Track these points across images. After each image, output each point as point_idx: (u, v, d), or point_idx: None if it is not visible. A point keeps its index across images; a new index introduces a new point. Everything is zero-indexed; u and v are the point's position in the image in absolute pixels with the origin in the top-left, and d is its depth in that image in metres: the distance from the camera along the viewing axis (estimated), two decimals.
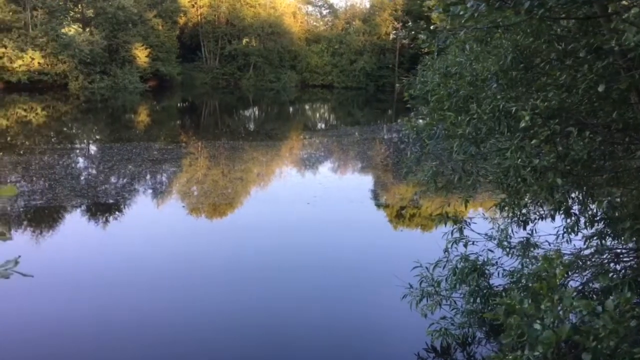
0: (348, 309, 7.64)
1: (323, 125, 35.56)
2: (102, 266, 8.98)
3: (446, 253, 5.63)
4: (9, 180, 14.62)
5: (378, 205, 14.36)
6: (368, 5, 69.01)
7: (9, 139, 22.39)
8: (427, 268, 5.68)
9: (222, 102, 48.49)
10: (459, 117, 4.12)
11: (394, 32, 66.33)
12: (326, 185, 15.68)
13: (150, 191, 14.84)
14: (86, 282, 8.35)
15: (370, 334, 6.99)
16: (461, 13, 3.27)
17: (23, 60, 42.08)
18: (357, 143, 25.07)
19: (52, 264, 9.05)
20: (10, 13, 42.89)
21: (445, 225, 5.37)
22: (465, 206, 4.97)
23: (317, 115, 43.64)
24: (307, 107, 49.79)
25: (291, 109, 46.82)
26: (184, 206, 13.29)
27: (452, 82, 4.54)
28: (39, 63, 42.96)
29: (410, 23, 66.77)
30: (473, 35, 4.75)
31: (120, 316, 7.21)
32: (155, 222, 12.16)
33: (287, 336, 6.85)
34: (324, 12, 73.77)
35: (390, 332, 7.03)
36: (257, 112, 42.89)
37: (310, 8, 73.51)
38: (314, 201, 13.67)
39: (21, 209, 12.02)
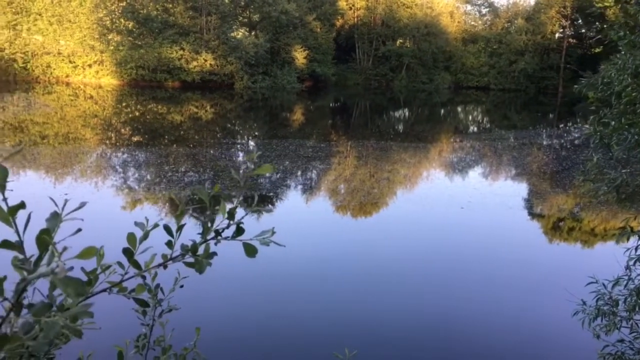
0: (511, 323, 7.26)
1: (475, 129, 34.16)
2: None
3: (627, 270, 4.99)
4: (180, 170, 16.23)
5: (537, 215, 13.39)
6: (533, 3, 64.75)
7: (182, 133, 24.89)
8: (604, 285, 5.11)
9: (372, 102, 48.98)
10: None
11: (561, 30, 61.44)
12: (481, 191, 15.02)
13: (300, 187, 15.47)
14: (234, 272, 8.83)
15: (534, 349, 6.57)
16: None
17: (197, 62, 46.55)
18: (512, 148, 23.65)
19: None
20: (189, 19, 47.78)
21: (628, 240, 4.77)
22: None
23: (470, 117, 42.05)
24: (459, 109, 48.25)
25: (442, 111, 45.73)
26: (334, 204, 13.64)
27: None
28: (210, 64, 47.15)
29: (580, 21, 61.49)
30: None
31: (261, 314, 7.58)
32: (304, 217, 12.63)
33: (441, 347, 6.67)
34: (484, 10, 70.86)
35: (556, 350, 6.55)
36: (407, 114, 42.60)
37: (468, 7, 71.13)
38: (468, 206, 13.18)
39: (188, 197, 13.26)
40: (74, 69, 45.67)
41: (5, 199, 0.81)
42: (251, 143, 23.96)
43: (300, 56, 53.31)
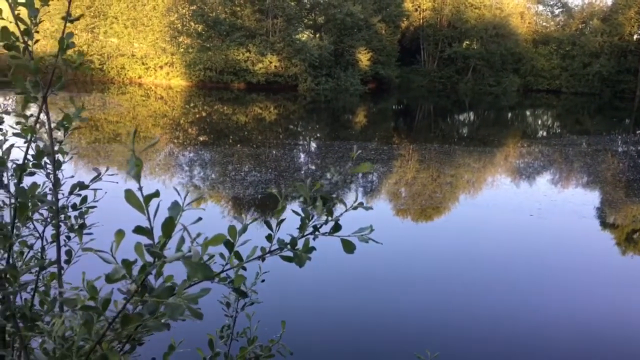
0: (587, 332, 6.99)
1: (545, 133, 32.87)
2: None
3: None
4: (244, 169, 16.59)
5: (611, 225, 12.72)
6: (610, 3, 61.55)
7: (246, 133, 25.44)
8: None
9: (436, 105, 48.15)
10: None
11: None
12: (552, 198, 14.45)
13: (361, 189, 15.42)
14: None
15: None
16: None
17: (263, 64, 47.48)
18: (585, 154, 22.59)
19: None
20: (255, 21, 48.84)
21: None
22: None
23: (539, 122, 40.47)
24: (528, 113, 46.56)
25: (510, 115, 44.28)
26: (395, 207, 13.52)
27: None
28: (275, 66, 47.98)
29: None
30: None
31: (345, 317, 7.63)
32: (363, 220, 12.57)
33: (515, 352, 6.52)
34: (556, 11, 68.09)
35: None
36: (472, 117, 41.57)
37: (540, 7, 68.57)
38: (538, 213, 12.72)
39: (251, 196, 13.55)
40: (146, 70, 47.70)
41: (140, 188, 0.88)
42: (313, 144, 24.14)
43: (364, 58, 53.23)
